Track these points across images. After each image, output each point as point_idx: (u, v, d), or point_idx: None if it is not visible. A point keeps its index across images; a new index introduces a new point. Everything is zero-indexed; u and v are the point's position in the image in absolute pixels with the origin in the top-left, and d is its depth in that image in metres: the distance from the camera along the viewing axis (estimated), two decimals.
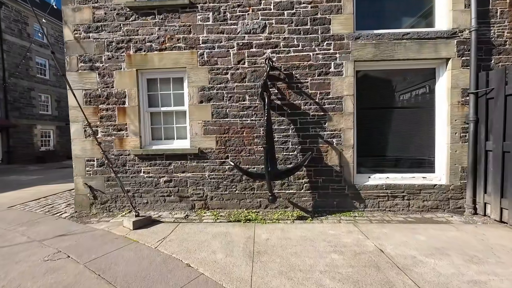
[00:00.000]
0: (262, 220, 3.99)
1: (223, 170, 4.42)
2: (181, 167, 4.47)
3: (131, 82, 4.43)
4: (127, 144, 4.49)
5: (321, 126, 4.29)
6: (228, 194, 4.44)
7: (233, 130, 4.37)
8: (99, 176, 4.56)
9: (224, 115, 4.37)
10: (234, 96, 4.34)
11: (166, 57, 4.36)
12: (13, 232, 3.70)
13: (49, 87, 18.23)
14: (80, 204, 4.60)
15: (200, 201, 4.47)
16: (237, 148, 4.39)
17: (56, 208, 4.93)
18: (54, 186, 7.55)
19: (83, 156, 4.56)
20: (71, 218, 4.34)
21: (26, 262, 2.77)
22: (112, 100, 4.47)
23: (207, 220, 4.07)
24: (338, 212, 4.26)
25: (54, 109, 18.62)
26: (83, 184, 4.57)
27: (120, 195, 4.55)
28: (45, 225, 3.97)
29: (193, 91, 4.37)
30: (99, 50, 4.44)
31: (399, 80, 4.52)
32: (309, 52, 4.23)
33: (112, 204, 4.57)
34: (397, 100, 4.55)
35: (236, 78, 4.32)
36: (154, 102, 4.65)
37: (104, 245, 3.15)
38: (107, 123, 4.50)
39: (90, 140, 4.53)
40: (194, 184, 4.47)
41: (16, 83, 15.90)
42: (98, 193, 4.57)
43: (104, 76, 4.46)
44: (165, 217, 4.22)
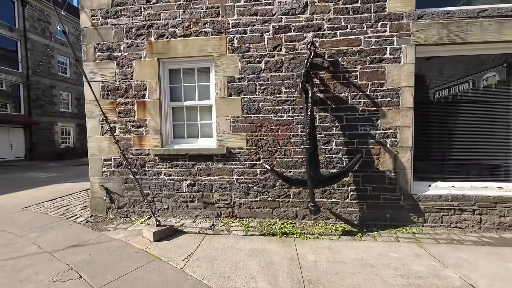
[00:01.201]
0: (301, 234, 3.37)
1: (253, 174, 3.83)
2: (206, 170, 3.93)
3: (152, 73, 3.94)
4: (147, 143, 4.02)
5: (372, 124, 3.59)
6: (259, 202, 3.85)
7: (266, 127, 3.77)
8: (117, 178, 4.12)
9: (256, 110, 3.78)
10: (268, 88, 3.74)
11: (190, 44, 3.83)
12: (24, 239, 3.31)
13: (69, 85, 18.53)
14: (96, 208, 4.19)
15: (227, 208, 3.92)
16: (271, 149, 3.78)
17: (71, 211, 4.56)
18: (71, 184, 7.31)
19: (100, 155, 4.14)
20: (86, 223, 3.92)
21: (31, 282, 2.31)
22: (131, 93, 4.01)
23: (236, 231, 3.51)
24: (391, 226, 3.56)
25: (74, 107, 18.93)
26: (100, 186, 4.15)
27: (138, 199, 4.09)
28: (58, 231, 3.57)
29: (221, 83, 3.81)
30: (117, 38, 3.99)
31: (469, 68, 3.73)
32: (359, 36, 3.54)
33: (130, 209, 4.11)
34: (464, 93, 3.76)
35: (271, 67, 3.72)
36: (176, 95, 4.14)
37: (121, 262, 2.66)
38: (126, 119, 4.05)
39: (107, 137, 4.09)
40: (220, 189, 3.91)
41: (39, 81, 16.21)
42: (115, 196, 4.14)
43: (123, 67, 4.00)
44: (188, 226, 3.70)
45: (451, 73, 3.79)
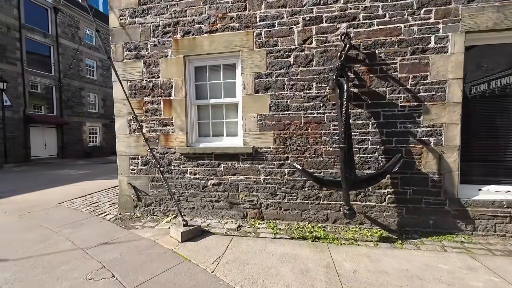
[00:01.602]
0: (334, 239, 3.15)
1: (281, 174, 3.66)
2: (232, 169, 3.82)
3: (178, 71, 3.90)
4: (173, 141, 3.99)
5: (414, 121, 3.27)
6: (287, 203, 3.67)
7: (295, 125, 3.59)
8: (144, 176, 4.14)
9: (285, 107, 3.60)
10: (298, 83, 3.54)
11: (217, 40, 3.73)
12: (58, 234, 3.40)
13: (96, 87, 19.47)
14: (124, 205, 4.25)
15: (253, 209, 3.79)
16: (300, 148, 3.59)
17: (100, 208, 4.68)
18: (99, 182, 7.59)
19: (128, 154, 4.18)
20: (115, 220, 3.98)
21: (67, 279, 2.33)
22: (158, 92, 4.00)
23: (264, 233, 3.36)
24: (435, 234, 3.22)
25: (100, 108, 19.87)
26: (127, 184, 4.20)
27: (164, 198, 4.08)
28: (89, 228, 3.64)
29: (248, 79, 3.68)
30: (144, 36, 3.99)
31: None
32: (399, 24, 3.24)
33: (156, 208, 4.12)
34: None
35: (300, 61, 3.52)
36: (201, 93, 4.08)
37: (151, 263, 2.61)
38: (152, 118, 4.05)
39: (135, 136, 4.13)
40: (246, 189, 3.79)
41: (69, 84, 17.18)
42: (142, 195, 4.16)
43: (150, 65, 4.00)
44: (214, 226, 3.62)
45: (503, 62, 3.36)
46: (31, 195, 5.88)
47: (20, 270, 2.51)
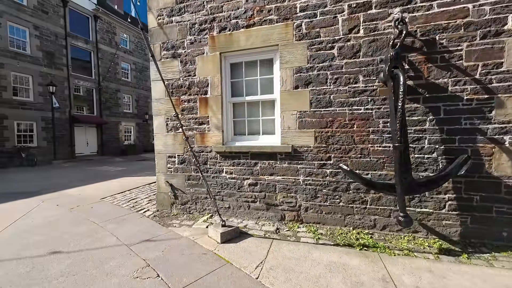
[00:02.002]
0: (385, 248, 2.84)
1: (323, 175, 3.42)
2: (269, 169, 3.67)
3: (214, 68, 3.84)
4: (209, 140, 3.95)
5: (483, 116, 2.82)
6: (328, 206, 3.42)
7: (338, 122, 3.31)
8: (180, 174, 4.17)
9: (327, 103, 3.34)
10: (342, 77, 3.26)
11: (254, 34, 3.59)
12: (104, 229, 3.54)
13: (130, 88, 20.67)
14: (162, 203, 4.33)
15: (291, 211, 3.60)
16: (344, 147, 3.31)
17: (139, 204, 4.84)
18: (135, 178, 7.96)
19: (165, 152, 4.24)
20: (154, 217, 4.06)
21: (116, 276, 2.36)
22: (194, 90, 3.99)
23: (304, 238, 3.16)
24: (509, 248, 2.75)
25: (134, 108, 21.07)
26: (165, 182, 4.27)
27: (200, 197, 4.07)
28: (131, 224, 3.75)
29: (286, 74, 3.48)
30: (181, 35, 4.00)
31: None
32: (467, 4, 2.80)
33: (193, 206, 4.12)
34: None
35: (345, 53, 3.23)
36: (237, 91, 3.98)
37: (193, 263, 2.57)
38: (188, 116, 4.05)
39: (172, 134, 4.17)
40: (284, 190, 3.61)
41: (107, 86, 18.44)
42: (179, 193, 4.20)
43: (186, 64, 4.00)
44: (251, 228, 3.50)
45: None
46: (78, 189, 6.32)
47: (72, 263, 2.61)
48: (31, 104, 13.72)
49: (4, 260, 2.69)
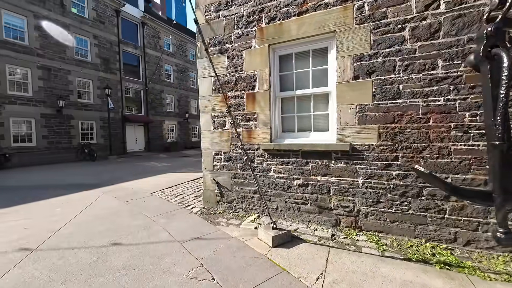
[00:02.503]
0: (475, 270, 2.32)
1: (387, 177, 2.98)
2: (322, 169, 3.35)
3: (262, 62, 3.65)
4: (256, 137, 3.79)
5: None
6: (394, 214, 2.97)
7: (409, 117, 2.84)
8: (226, 172, 4.11)
9: (395, 94, 2.89)
10: (415, 63, 2.77)
11: (307, 22, 3.29)
12: (156, 224, 3.65)
13: (172, 89, 21.96)
14: (208, 200, 4.33)
15: (348, 216, 3.23)
16: (415, 145, 2.83)
17: (186, 200, 4.95)
18: (180, 174, 8.31)
19: (211, 150, 4.23)
20: (201, 214, 4.08)
21: (172, 274, 2.34)
22: (241, 86, 3.86)
23: (366, 248, 2.79)
24: None
25: (175, 107, 22.36)
26: (211, 180, 4.26)
27: (247, 196, 3.95)
28: (180, 220, 3.81)
29: (344, 63, 3.11)
30: (228, 29, 3.90)
31: None
32: None
33: (238, 205, 4.03)
34: None
35: (420, 34, 2.73)
36: (286, 84, 3.73)
37: (247, 268, 2.42)
38: (235, 113, 3.95)
39: (218, 132, 4.12)
40: (340, 192, 3.26)
41: (153, 87, 19.87)
42: (225, 191, 4.15)
43: (233, 59, 3.89)
44: (303, 232, 3.24)
45: None
46: (131, 183, 6.82)
47: (131, 256, 2.69)
48: (91, 105, 15.46)
49: (75, 248, 2.91)
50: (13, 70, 12.23)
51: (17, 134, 12.38)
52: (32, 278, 2.31)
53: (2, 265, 2.54)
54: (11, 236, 3.28)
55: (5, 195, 5.73)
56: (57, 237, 3.24)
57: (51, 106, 13.42)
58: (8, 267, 2.51)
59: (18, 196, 5.59)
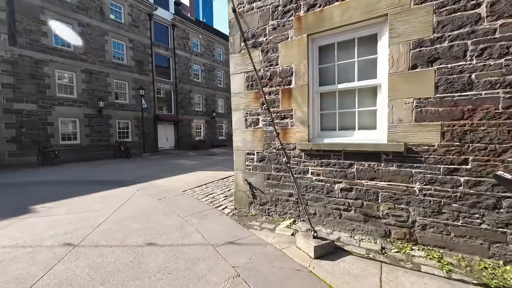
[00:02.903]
0: None
1: (453, 184, 2.51)
2: (369, 172, 2.97)
3: (299, 54, 3.36)
4: (292, 136, 3.52)
5: None
6: (461, 228, 2.50)
7: (484, 112, 2.34)
8: (259, 173, 3.91)
9: (464, 85, 2.41)
10: (494, 46, 2.27)
11: (352, 6, 2.92)
12: (189, 224, 3.58)
13: (200, 88, 22.49)
14: (240, 201, 4.18)
15: (400, 227, 2.82)
16: (492, 146, 2.33)
17: (216, 200, 4.87)
18: (208, 173, 8.34)
19: (243, 149, 4.05)
20: (233, 216, 3.93)
21: (207, 283, 2.19)
22: (276, 81, 3.61)
23: (426, 266, 2.37)
24: None
25: (203, 106, 22.88)
26: (243, 180, 4.09)
27: (281, 199, 3.71)
28: (212, 221, 3.69)
29: (399, 51, 2.69)
30: (262, 21, 3.67)
31: None
32: None
33: (272, 208, 3.80)
34: None
35: (502, 10, 2.23)
36: (326, 78, 3.40)
37: (288, 281, 2.18)
38: (270, 110, 3.71)
39: (251, 130, 3.93)
40: (390, 199, 2.86)
41: (182, 87, 20.54)
42: (257, 192, 3.95)
43: (268, 52, 3.65)
44: (347, 242, 2.91)
45: None
46: (163, 181, 6.98)
47: (166, 258, 2.62)
48: (127, 105, 16.43)
49: (113, 246, 2.94)
50: (61, 74, 13.42)
51: (64, 133, 13.59)
52: (73, 275, 2.34)
53: (48, 260, 2.63)
54: (57, 230, 3.44)
55: (53, 189, 6.21)
56: (96, 233, 3.32)
57: (93, 106, 14.51)
58: (53, 262, 2.58)
59: (64, 190, 6.01)
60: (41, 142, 12.39)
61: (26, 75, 12.06)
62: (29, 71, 12.15)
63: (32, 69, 12.25)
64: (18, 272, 2.41)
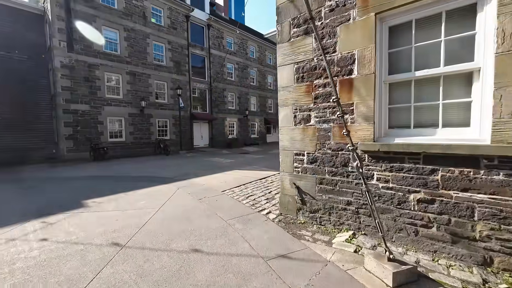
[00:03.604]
0: None
1: None
2: (461, 181, 2.34)
3: (364, 37, 2.83)
4: (353, 135, 3.00)
5: None
6: None
7: None
8: (310, 176, 3.47)
9: None
10: None
11: None
12: (233, 230, 3.31)
13: (234, 87, 22.62)
14: (286, 206, 3.79)
15: (509, 255, 2.15)
16: None
17: (258, 202, 4.56)
18: (245, 172, 8.12)
19: (291, 149, 3.65)
20: (279, 222, 3.57)
21: None
22: (333, 71, 3.13)
23: None
24: None
25: (236, 105, 22.99)
26: (290, 183, 3.69)
27: (336, 207, 3.23)
28: (258, 227, 3.38)
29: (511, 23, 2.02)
30: (317, 3, 3.21)
31: None
32: None
33: (325, 216, 3.34)
34: None
35: None
36: (398, 65, 2.81)
37: None
38: (323, 105, 3.25)
39: (300, 128, 3.51)
40: (494, 218, 2.20)
41: (216, 86, 20.87)
42: (307, 198, 3.52)
43: (323, 39, 3.18)
44: (430, 268, 2.32)
45: None
46: (201, 179, 6.94)
47: (214, 270, 2.36)
48: (166, 105, 17.19)
49: (159, 250, 2.79)
50: (109, 77, 14.52)
51: (112, 131, 14.71)
52: (121, 282, 2.20)
53: (98, 261, 2.57)
54: (106, 227, 3.46)
55: (102, 184, 6.57)
56: (142, 234, 3.24)
57: (136, 106, 15.46)
58: (102, 264, 2.51)
59: (111, 185, 6.30)
60: (92, 139, 13.57)
61: (81, 78, 13.27)
62: (83, 74, 13.36)
63: (86, 73, 13.44)
64: (70, 272, 2.37)
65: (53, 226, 3.57)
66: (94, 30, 13.54)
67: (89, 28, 13.35)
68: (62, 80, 12.69)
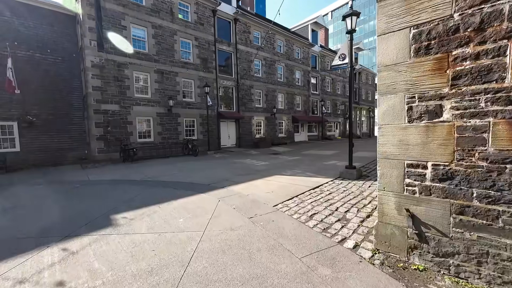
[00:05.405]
0: None
1: None
2: None
3: None
4: None
5: None
6: None
7: None
8: (437, 201, 2.25)
9: None
10: None
11: None
12: (319, 278, 2.21)
13: (261, 84, 21.55)
14: (388, 241, 2.60)
15: None
16: None
17: (330, 226, 3.41)
18: (288, 178, 6.98)
19: (401, 157, 2.45)
20: (382, 266, 2.41)
21: None
22: (497, 30, 1.87)
23: None
24: None
25: (263, 102, 21.90)
26: (398, 208, 2.50)
27: (493, 253, 1.98)
28: (354, 276, 2.25)
29: None
30: None
31: None
32: None
33: (469, 266, 2.10)
34: None
35: None
36: None
37: None
38: (471, 88, 2.01)
39: (421, 126, 2.30)
40: None
41: (243, 83, 19.95)
42: (431, 233, 2.30)
43: None
44: None
45: None
46: (242, 187, 5.93)
47: None
48: (193, 104, 16.63)
49: None
50: (138, 76, 14.21)
51: (140, 131, 14.41)
52: None
53: None
54: (140, 263, 2.55)
55: (133, 191, 5.85)
56: (189, 279, 2.26)
57: (164, 105, 15.03)
58: None
59: (143, 193, 5.54)
60: (122, 140, 13.33)
61: (111, 78, 13.06)
62: (113, 74, 13.13)
63: (115, 72, 13.21)
64: None
65: (74, 257, 2.74)
66: (123, 29, 13.25)
67: (118, 27, 13.08)
68: (92, 80, 12.55)
